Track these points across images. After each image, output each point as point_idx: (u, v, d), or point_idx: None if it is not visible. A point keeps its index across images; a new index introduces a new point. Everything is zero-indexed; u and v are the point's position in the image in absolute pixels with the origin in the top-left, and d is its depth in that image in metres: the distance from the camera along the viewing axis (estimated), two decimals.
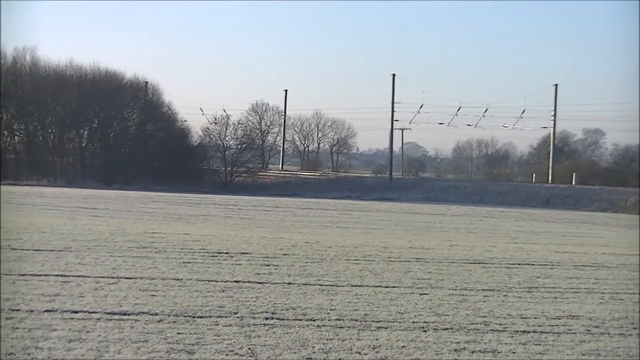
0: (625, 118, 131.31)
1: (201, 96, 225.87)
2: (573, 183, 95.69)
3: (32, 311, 16.24)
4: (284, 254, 28.02)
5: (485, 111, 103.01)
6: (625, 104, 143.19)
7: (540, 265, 29.09)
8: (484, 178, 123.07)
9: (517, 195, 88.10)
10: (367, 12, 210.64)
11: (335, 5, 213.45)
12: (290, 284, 21.54)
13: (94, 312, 16.41)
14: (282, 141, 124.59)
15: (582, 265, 29.44)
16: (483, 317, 18.14)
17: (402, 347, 14.77)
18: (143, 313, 16.59)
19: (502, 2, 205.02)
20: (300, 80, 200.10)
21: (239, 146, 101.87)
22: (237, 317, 16.66)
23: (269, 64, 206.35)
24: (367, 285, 21.86)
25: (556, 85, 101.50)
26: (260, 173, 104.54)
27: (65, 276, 20.75)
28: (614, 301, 21.37)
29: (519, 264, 28.92)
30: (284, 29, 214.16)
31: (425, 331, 16.30)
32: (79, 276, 20.88)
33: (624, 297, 22.20)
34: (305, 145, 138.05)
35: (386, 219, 53.43)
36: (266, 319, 16.66)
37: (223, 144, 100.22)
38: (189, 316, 16.51)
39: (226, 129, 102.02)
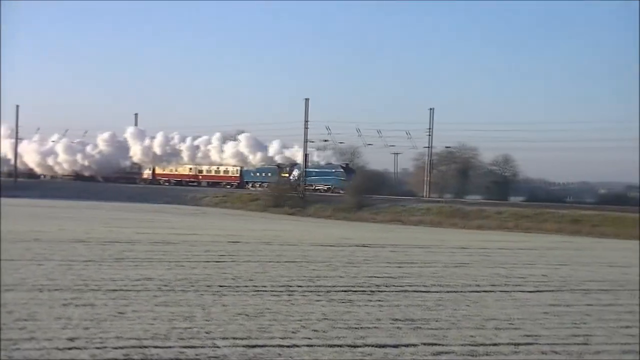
0: None
1: None
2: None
3: None
4: None
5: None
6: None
7: (126, 242, 30.84)
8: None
9: (119, 192, 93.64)
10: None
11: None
12: None
13: None
14: None
15: (155, 242, 31.59)
16: (83, 280, 19.52)
17: (25, 304, 15.93)
18: None
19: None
20: None
21: None
22: None
23: None
24: None
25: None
26: None
27: None
28: (178, 267, 23.20)
29: (111, 242, 30.48)
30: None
31: (41, 292, 17.55)
32: None
33: (185, 264, 24.06)
34: None
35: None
36: None
37: None
38: None
39: None
